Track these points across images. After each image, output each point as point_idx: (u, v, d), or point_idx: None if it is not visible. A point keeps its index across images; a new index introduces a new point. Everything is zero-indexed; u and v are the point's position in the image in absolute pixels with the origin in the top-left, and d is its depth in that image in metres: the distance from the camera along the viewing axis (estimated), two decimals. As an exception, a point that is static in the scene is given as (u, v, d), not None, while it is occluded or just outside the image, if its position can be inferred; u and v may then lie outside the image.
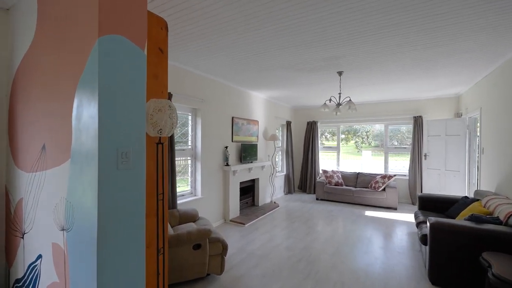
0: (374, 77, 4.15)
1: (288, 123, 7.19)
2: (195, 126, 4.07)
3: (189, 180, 4.05)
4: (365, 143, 13.03)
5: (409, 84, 4.64)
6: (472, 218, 2.63)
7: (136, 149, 1.36)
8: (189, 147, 4.02)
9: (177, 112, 3.83)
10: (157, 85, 1.76)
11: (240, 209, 5.14)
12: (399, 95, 5.75)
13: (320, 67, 3.67)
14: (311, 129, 7.39)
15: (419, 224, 3.38)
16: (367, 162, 11.24)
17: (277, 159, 6.89)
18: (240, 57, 3.28)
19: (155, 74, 1.74)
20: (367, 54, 3.13)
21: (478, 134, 4.42)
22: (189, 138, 4.04)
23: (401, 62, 3.45)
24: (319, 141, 7.56)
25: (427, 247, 2.63)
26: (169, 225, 2.77)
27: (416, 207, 5.77)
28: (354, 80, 4.36)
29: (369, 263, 3.03)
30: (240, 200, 5.21)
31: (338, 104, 3.89)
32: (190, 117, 4.04)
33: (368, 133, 13.16)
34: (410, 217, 4.96)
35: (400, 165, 6.84)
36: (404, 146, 6.52)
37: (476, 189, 4.36)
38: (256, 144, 5.45)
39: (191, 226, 2.78)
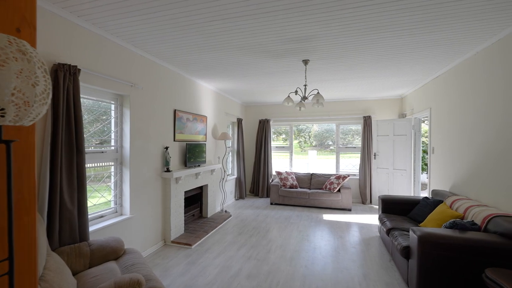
0: (338, 70, 3.79)
1: (239, 121, 6.49)
2: (120, 120, 2.96)
3: (112, 194, 2.92)
4: (308, 143, 13.40)
5: (366, 81, 4.48)
6: (455, 225, 2.40)
7: None
8: (112, 148, 2.89)
9: (91, 97, 2.71)
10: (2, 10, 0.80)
11: (185, 224, 4.17)
12: (350, 94, 5.68)
13: (285, 52, 3.07)
14: (263, 128, 6.85)
15: (389, 231, 3.10)
16: (313, 162, 11.46)
17: (228, 161, 6.11)
18: (179, 24, 2.39)
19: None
20: (337, 39, 2.65)
21: (427, 134, 4.56)
22: (112, 135, 2.91)
23: (367, 55, 3.13)
24: (272, 141, 7.10)
25: (414, 262, 2.27)
26: (70, 273, 1.71)
27: (367, 207, 5.80)
28: (317, 73, 3.93)
29: (350, 284, 2.54)
30: (185, 212, 4.24)
31: (304, 98, 3.36)
32: (113, 107, 2.91)
33: (310, 133, 13.58)
34: (366, 218, 4.86)
35: (349, 164, 6.91)
36: (354, 146, 6.57)
37: (427, 188, 4.45)
38: (204, 144, 4.56)
39: (109, 271, 1.78)
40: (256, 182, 6.88)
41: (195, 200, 4.63)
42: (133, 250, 2.27)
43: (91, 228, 2.45)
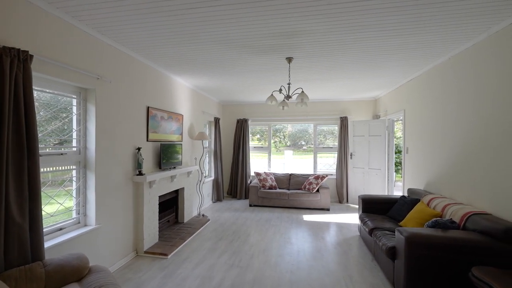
0: (321, 70, 3.75)
1: (217, 120, 6.24)
2: (84, 117, 2.59)
3: (74, 202, 2.54)
4: (282, 143, 13.53)
5: (345, 82, 4.53)
6: (437, 225, 2.44)
7: None
8: (74, 149, 2.51)
9: (48, 90, 2.27)
10: None
11: (160, 232, 3.84)
12: (329, 95, 5.75)
13: (269, 48, 2.94)
14: (241, 128, 6.67)
15: (372, 231, 3.11)
16: (289, 162, 11.55)
17: (205, 163, 5.83)
18: (155, 10, 2.14)
19: None
20: (322, 36, 2.58)
21: (401, 134, 4.74)
22: (74, 135, 2.53)
23: (350, 56, 3.12)
24: (250, 141, 6.95)
25: (401, 263, 2.26)
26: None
27: (343, 206, 5.91)
28: (300, 72, 3.86)
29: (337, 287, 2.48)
30: (160, 219, 3.91)
31: (288, 96, 3.26)
32: (74, 102, 2.53)
33: (285, 134, 13.72)
34: (344, 218, 4.92)
35: (326, 163, 7.00)
36: (331, 146, 6.68)
37: (403, 187, 4.62)
38: (180, 145, 4.26)
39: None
40: (234, 183, 6.68)
41: (170, 204, 4.31)
42: (100, 267, 1.97)
43: (47, 244, 2.08)
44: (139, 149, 3.19)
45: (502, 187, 2.31)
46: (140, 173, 3.18)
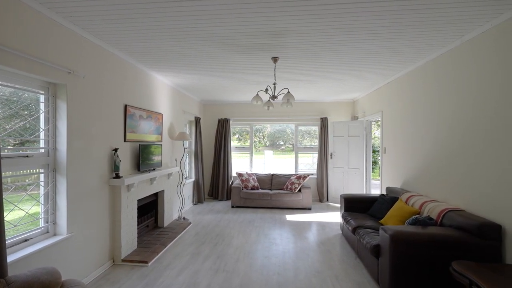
0: (305, 71, 3.77)
1: (198, 120, 6.06)
2: (53, 115, 2.35)
3: (41, 209, 2.29)
4: (262, 143, 13.58)
5: (328, 83, 4.62)
6: (417, 222, 2.55)
7: None
8: (41, 151, 2.27)
9: (9, 84, 1.98)
10: None
11: (139, 237, 3.62)
12: (310, 96, 5.84)
13: (255, 47, 2.88)
14: (223, 128, 6.55)
15: (355, 230, 3.19)
16: (269, 162, 11.60)
17: (185, 164, 5.63)
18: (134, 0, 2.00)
19: None
20: (309, 36, 2.58)
21: (379, 135, 4.93)
22: (41, 135, 2.28)
23: (335, 57, 3.18)
24: (232, 141, 6.85)
25: (386, 260, 2.32)
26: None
27: (324, 205, 6.03)
28: (285, 73, 3.85)
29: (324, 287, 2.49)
30: (139, 223, 3.69)
31: (273, 96, 3.23)
32: (42, 98, 2.28)
33: (264, 134, 13.79)
34: (326, 217, 5.01)
35: (307, 163, 7.11)
36: (311, 146, 6.79)
37: (381, 186, 4.81)
38: (160, 145, 4.06)
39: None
40: (216, 184, 6.54)
41: (149, 208, 4.09)
42: (74, 281, 1.78)
43: (10, 258, 1.85)
44: (116, 150, 2.98)
45: (474, 185, 2.47)
46: (117, 176, 2.97)
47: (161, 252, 3.28)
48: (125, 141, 3.25)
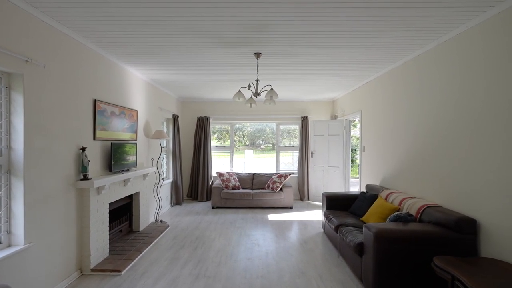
0: (288, 68, 3.72)
1: (175, 118, 5.80)
2: (7, 109, 2.05)
3: (-7, 217, 1.99)
4: (242, 142, 13.48)
5: (309, 82, 4.62)
6: (399, 219, 2.59)
7: None
8: (-8, 150, 1.97)
9: None
10: None
11: (111, 244, 3.34)
12: (291, 95, 5.83)
13: (237, 40, 2.76)
14: (202, 126, 6.34)
15: (337, 228, 3.19)
16: (250, 161, 11.52)
17: (163, 164, 5.36)
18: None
19: None
20: (292, 30, 2.51)
21: (358, 134, 5.03)
22: (-8, 132, 1.99)
23: (318, 55, 3.16)
24: (211, 140, 6.65)
25: (369, 258, 2.32)
26: None
27: (305, 203, 6.06)
28: (268, 70, 3.77)
29: (306, 290, 2.44)
30: (111, 229, 3.40)
31: (256, 93, 3.13)
32: (-7, 90, 1.98)
33: (244, 133, 13.69)
34: (307, 215, 5.03)
35: (288, 162, 7.11)
36: (293, 145, 6.80)
37: (360, 183, 4.91)
38: (135, 144, 3.80)
39: None
40: (195, 185, 6.32)
41: (123, 212, 3.80)
42: (32, 299, 1.55)
43: (-50, 277, 1.57)
44: (83, 149, 2.70)
45: (450, 182, 2.55)
46: (86, 178, 2.70)
47: (136, 259, 3.05)
48: (94, 139, 2.97)
